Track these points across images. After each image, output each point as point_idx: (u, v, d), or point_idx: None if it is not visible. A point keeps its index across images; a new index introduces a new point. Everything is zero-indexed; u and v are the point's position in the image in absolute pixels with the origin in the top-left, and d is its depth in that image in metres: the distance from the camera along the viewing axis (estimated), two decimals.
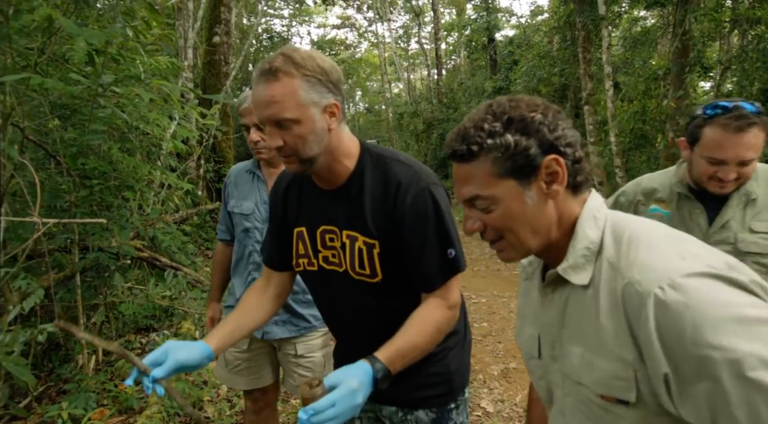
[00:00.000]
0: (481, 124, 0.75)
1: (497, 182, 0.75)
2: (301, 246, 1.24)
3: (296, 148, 1.05)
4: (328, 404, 0.89)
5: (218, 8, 8.95)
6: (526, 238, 0.77)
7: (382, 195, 1.12)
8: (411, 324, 1.09)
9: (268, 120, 1.03)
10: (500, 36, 19.00)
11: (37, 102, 2.87)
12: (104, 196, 2.51)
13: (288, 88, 1.00)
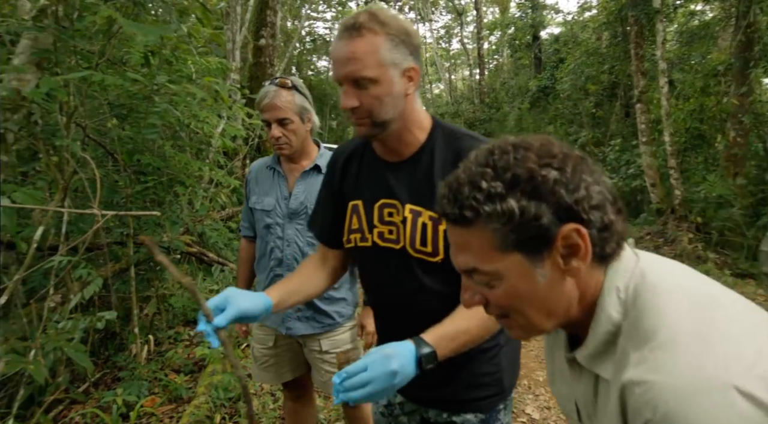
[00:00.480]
0: (478, 182, 0.60)
1: (500, 256, 0.61)
2: (354, 220, 1.18)
3: (371, 109, 1.00)
4: (361, 367, 0.86)
5: (264, 12, 9.18)
6: (537, 320, 0.64)
7: (453, 168, 1.06)
8: (456, 314, 1.01)
9: (345, 78, 0.99)
10: (545, 34, 18.53)
11: (97, 102, 3.02)
12: (157, 191, 2.60)
13: (371, 45, 0.96)
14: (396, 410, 1.31)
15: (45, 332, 2.26)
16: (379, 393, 0.87)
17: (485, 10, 24.22)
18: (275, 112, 1.70)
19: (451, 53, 29.29)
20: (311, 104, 1.80)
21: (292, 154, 1.79)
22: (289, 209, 1.80)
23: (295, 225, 1.81)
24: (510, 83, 18.23)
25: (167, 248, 3.44)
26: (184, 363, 3.02)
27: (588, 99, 12.30)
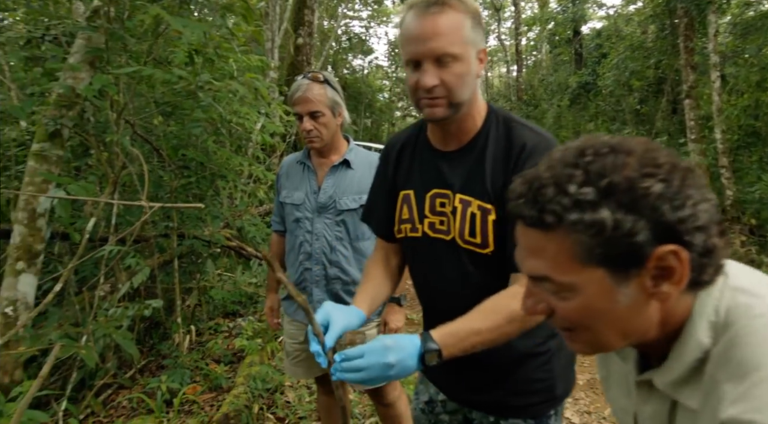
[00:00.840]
0: (565, 186, 0.53)
1: (579, 268, 0.54)
2: (405, 210, 1.16)
3: (452, 88, 0.97)
4: (358, 354, 0.88)
5: (302, 11, 9.29)
6: (607, 339, 0.58)
7: (504, 157, 1.02)
8: (479, 309, 0.96)
9: (428, 54, 0.95)
10: (587, 28, 17.95)
11: (144, 100, 3.13)
12: (200, 186, 2.67)
13: (455, 21, 0.94)
14: (437, 407, 1.28)
15: (95, 319, 2.36)
16: (372, 380, 0.88)
17: (524, 6, 23.70)
18: (307, 105, 1.70)
19: (488, 50, 28.79)
20: (342, 99, 1.80)
21: (322, 148, 1.79)
22: (318, 203, 1.81)
23: (324, 219, 1.81)
24: (549, 80, 17.77)
25: (208, 242, 3.54)
26: (224, 353, 3.10)
27: (632, 95, 11.84)
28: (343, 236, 1.82)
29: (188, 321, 3.43)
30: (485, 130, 1.07)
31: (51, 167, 2.37)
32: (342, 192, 1.80)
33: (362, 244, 1.85)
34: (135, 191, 3.08)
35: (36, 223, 2.31)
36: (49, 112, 2.38)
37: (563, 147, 0.58)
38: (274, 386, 2.73)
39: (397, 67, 31.34)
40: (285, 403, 2.67)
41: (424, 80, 0.96)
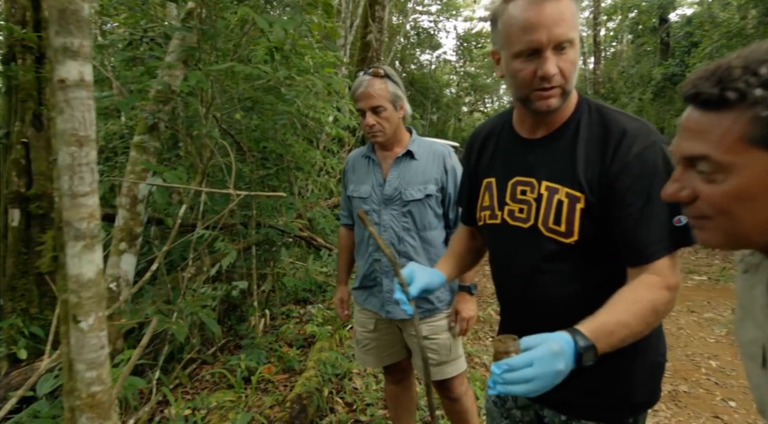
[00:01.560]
0: (756, 68, 0.54)
1: (745, 149, 0.55)
2: (486, 197, 1.15)
3: (568, 76, 0.94)
4: (526, 363, 0.78)
5: (373, 7, 9.39)
6: (749, 229, 0.58)
7: (600, 143, 0.98)
8: (619, 300, 0.89)
9: (552, 40, 0.91)
10: (675, 16, 16.61)
11: (227, 95, 3.33)
12: (279, 177, 2.80)
13: (572, 7, 0.93)
14: (509, 402, 1.26)
15: (184, 298, 2.56)
16: (539, 391, 0.79)
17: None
18: (369, 101, 1.73)
19: None
20: (404, 92, 1.82)
21: (385, 141, 1.82)
22: (384, 195, 1.83)
23: (390, 211, 1.83)
24: (630, 72, 16.67)
25: (282, 231, 3.71)
26: (296, 338, 3.24)
27: None
28: (410, 226, 1.83)
29: (263, 306, 3.63)
30: (576, 117, 1.03)
31: (149, 157, 2.60)
32: (407, 183, 1.82)
33: (429, 234, 1.85)
34: (218, 181, 3.29)
35: (136, 208, 2.54)
36: (149, 106, 2.60)
37: (753, 46, 0.58)
38: (343, 372, 2.82)
39: (464, 61, 30.82)
40: (353, 389, 2.75)
41: (546, 69, 0.92)
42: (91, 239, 0.87)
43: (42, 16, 3.02)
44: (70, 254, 0.85)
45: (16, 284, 2.57)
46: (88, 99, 0.84)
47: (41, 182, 2.72)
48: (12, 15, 2.90)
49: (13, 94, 2.82)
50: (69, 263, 0.85)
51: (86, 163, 0.85)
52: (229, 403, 2.29)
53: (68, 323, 0.95)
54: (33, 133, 2.76)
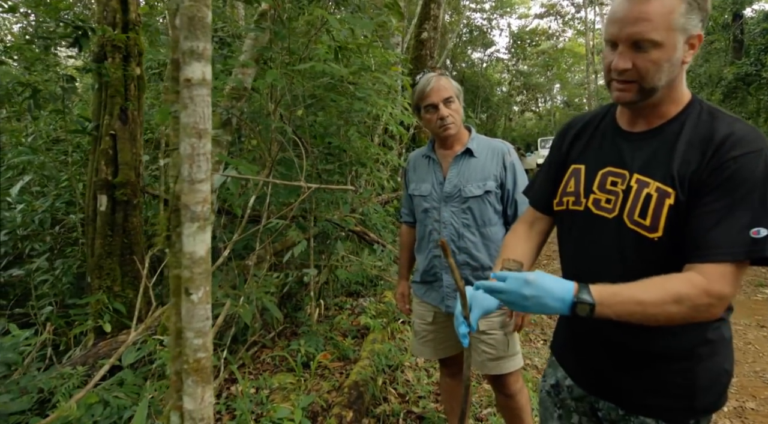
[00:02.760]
0: None
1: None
2: (572, 183, 1.16)
3: (645, 73, 0.96)
4: (502, 277, 0.96)
5: (429, 5, 9.40)
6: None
7: (701, 142, 0.98)
8: (647, 281, 0.92)
9: (627, 38, 0.95)
10: (751, 11, 15.49)
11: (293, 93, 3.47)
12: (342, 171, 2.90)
13: (666, 6, 0.92)
14: (563, 392, 1.27)
15: (249, 284, 2.72)
16: (508, 304, 0.96)
17: None
18: (440, 93, 1.81)
19: None
20: None
21: (456, 134, 1.87)
22: (444, 193, 1.88)
23: (451, 208, 1.87)
24: (698, 71, 15.71)
25: (338, 225, 3.82)
26: (350, 329, 3.34)
27: None
28: (470, 223, 1.87)
29: (317, 296, 3.76)
30: (682, 117, 1.03)
31: (222, 150, 2.77)
32: (466, 180, 1.86)
33: (489, 229, 1.88)
34: (280, 174, 3.44)
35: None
36: (224, 102, 2.77)
37: None
38: (396, 364, 2.89)
39: (517, 59, 30.14)
40: (405, 381, 2.81)
41: (616, 63, 0.97)
42: (204, 220, 0.97)
43: (129, 18, 3.28)
44: (186, 233, 0.95)
45: (102, 264, 2.82)
46: (207, 96, 0.94)
47: (126, 171, 2.96)
48: (104, 17, 3.16)
49: (102, 90, 3.09)
50: (184, 242, 0.96)
51: (203, 153, 0.95)
52: (290, 385, 2.42)
53: (179, 295, 1.05)
54: (120, 126, 3.01)
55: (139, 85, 3.23)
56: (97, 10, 3.27)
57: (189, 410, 1.04)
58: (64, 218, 3.74)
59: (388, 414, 2.45)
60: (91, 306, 2.73)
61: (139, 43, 3.24)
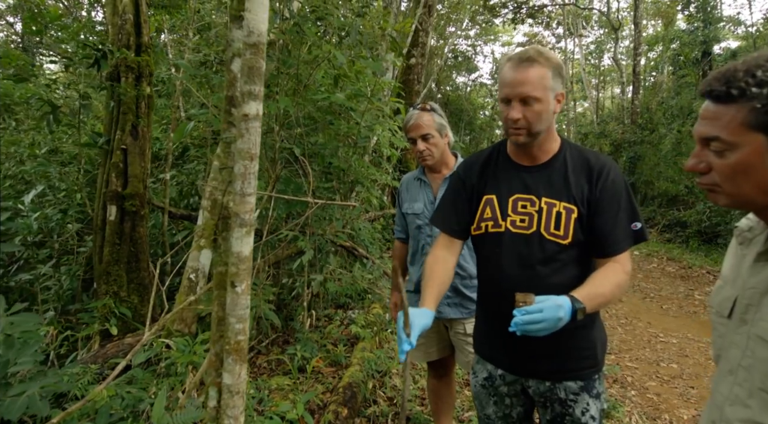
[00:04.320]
0: (754, 70, 0.73)
1: (745, 132, 0.74)
2: (488, 210, 1.44)
3: (532, 121, 1.31)
4: (537, 309, 1.12)
5: (417, 33, 9.86)
6: (748, 193, 0.77)
7: (584, 171, 1.37)
8: (597, 277, 1.28)
9: (517, 96, 1.30)
10: (719, 48, 16.48)
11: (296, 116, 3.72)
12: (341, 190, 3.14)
13: (540, 73, 1.29)
14: (497, 381, 1.53)
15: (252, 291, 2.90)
16: (544, 330, 1.13)
17: (645, 24, 22.36)
18: (419, 130, 2.07)
19: (601, 70, 27.50)
20: (447, 122, 2.16)
21: (434, 164, 2.13)
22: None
23: None
24: (669, 103, 16.55)
25: (331, 240, 4.04)
26: (340, 337, 3.53)
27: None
28: None
29: (309, 307, 3.94)
30: (562, 153, 1.41)
31: None
32: None
33: None
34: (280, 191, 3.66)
35: (216, 210, 2.92)
36: None
37: (755, 54, 0.78)
38: (384, 370, 3.09)
39: None
40: (393, 386, 3.01)
41: (512, 115, 1.31)
42: (250, 226, 1.20)
43: (142, 41, 3.50)
44: (235, 236, 1.18)
45: (110, 270, 2.97)
46: (258, 127, 1.18)
47: (135, 184, 3.15)
48: (119, 40, 3.38)
49: (115, 107, 3.29)
50: (233, 244, 1.18)
51: (252, 172, 1.18)
52: (287, 386, 2.60)
53: (223, 288, 1.27)
54: (131, 141, 3.21)
55: (149, 103, 3.44)
56: (111, 32, 3.49)
57: (228, 385, 1.25)
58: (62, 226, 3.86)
59: (377, 415, 2.65)
60: (98, 310, 2.88)
61: (150, 65, 3.46)
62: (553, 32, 26.55)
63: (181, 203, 4.33)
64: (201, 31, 5.65)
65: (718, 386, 0.91)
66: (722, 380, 0.89)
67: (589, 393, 1.41)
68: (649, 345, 4.72)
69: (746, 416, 0.81)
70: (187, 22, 4.86)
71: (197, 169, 4.45)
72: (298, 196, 2.46)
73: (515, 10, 18.50)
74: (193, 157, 4.35)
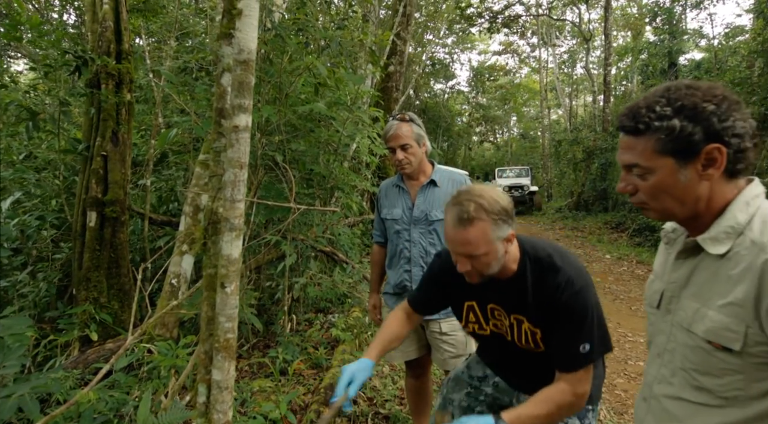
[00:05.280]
0: (654, 106, 0.84)
1: (657, 158, 0.85)
2: (471, 315, 1.55)
3: (481, 271, 1.33)
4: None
5: (395, 42, 10.03)
6: (671, 207, 0.88)
7: (542, 290, 1.37)
8: (536, 398, 1.30)
9: (461, 254, 1.31)
10: (684, 60, 17.22)
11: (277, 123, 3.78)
12: (322, 196, 3.22)
13: (480, 231, 1.26)
14: (487, 384, 1.68)
15: None
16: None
17: (615, 35, 23.15)
18: (398, 141, 2.16)
19: (574, 79, 28.30)
20: (424, 132, 2.25)
21: (412, 173, 2.23)
22: (413, 217, 2.24)
23: (419, 229, 2.23)
24: None
25: (312, 245, 4.10)
26: (321, 341, 3.60)
27: None
28: (436, 242, 2.23)
29: (289, 312, 3.99)
30: (522, 269, 1.40)
31: None
32: (431, 206, 2.22)
33: None
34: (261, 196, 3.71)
35: (197, 216, 2.96)
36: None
37: (655, 88, 0.89)
38: None
39: (477, 92, 31.68)
40: (372, 387, 3.09)
41: (459, 267, 1.34)
42: (239, 230, 1.28)
43: (123, 48, 3.52)
44: (225, 240, 1.26)
45: (90, 276, 2.97)
46: (248, 138, 1.26)
47: (115, 190, 3.16)
48: (99, 47, 3.40)
49: (95, 114, 3.30)
50: (223, 247, 1.26)
51: (241, 180, 1.26)
52: (269, 388, 2.65)
53: (213, 289, 1.35)
54: (111, 147, 3.22)
55: (130, 110, 3.46)
56: (92, 39, 3.50)
57: (217, 381, 1.32)
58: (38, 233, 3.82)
59: (357, 414, 2.72)
60: (78, 316, 2.87)
61: (131, 72, 3.48)
62: (527, 41, 27.21)
63: (160, 209, 4.33)
64: (180, 39, 5.67)
65: (649, 368, 1.04)
66: (652, 362, 1.02)
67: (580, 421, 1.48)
68: (618, 344, 4.92)
69: (670, 392, 0.94)
70: (167, 28, 4.88)
71: (176, 176, 4.46)
72: (280, 202, 2.53)
73: (491, 19, 18.94)
74: (172, 164, 4.36)
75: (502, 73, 30.89)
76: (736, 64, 12.85)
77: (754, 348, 0.80)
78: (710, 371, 0.86)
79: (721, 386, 0.85)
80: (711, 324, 0.84)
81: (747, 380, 0.82)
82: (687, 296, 0.92)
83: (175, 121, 3.57)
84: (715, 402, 0.86)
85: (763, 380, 0.81)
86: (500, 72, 30.90)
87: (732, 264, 0.84)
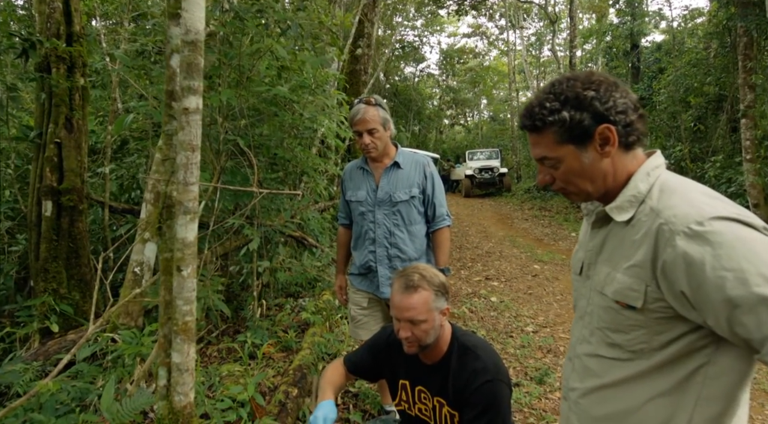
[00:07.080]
0: (544, 103, 0.93)
1: (559, 147, 0.94)
2: (404, 394, 1.70)
3: (420, 338, 1.51)
4: None
5: (362, 23, 9.89)
6: (585, 187, 0.97)
7: (461, 376, 1.55)
8: None
9: (405, 319, 1.49)
10: (646, 42, 17.63)
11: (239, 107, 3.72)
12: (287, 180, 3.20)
13: (423, 298, 1.49)
14: None
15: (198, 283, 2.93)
16: None
17: (581, 17, 23.46)
18: (365, 125, 2.18)
19: (541, 61, 28.63)
20: (389, 114, 2.28)
21: (377, 156, 2.27)
22: (378, 199, 2.27)
23: (383, 210, 2.27)
24: None
25: (280, 230, 4.09)
26: (291, 324, 3.62)
27: (687, 112, 11.62)
28: (399, 222, 2.27)
29: (259, 297, 3.99)
30: (449, 354, 1.59)
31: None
32: (395, 188, 2.26)
33: (414, 227, 2.29)
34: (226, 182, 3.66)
35: (159, 203, 2.91)
36: None
37: (543, 85, 0.96)
38: (334, 352, 3.21)
39: (447, 76, 31.72)
40: None
41: (401, 334, 1.52)
42: (194, 214, 1.28)
43: (73, 30, 3.38)
44: (180, 223, 1.25)
45: (48, 267, 2.89)
46: (199, 120, 1.26)
47: (71, 178, 3.06)
48: (47, 29, 3.25)
49: (47, 100, 3.17)
50: (178, 230, 1.26)
51: (194, 162, 1.25)
52: (238, 372, 2.66)
53: (170, 273, 1.35)
54: (65, 134, 3.11)
55: (84, 95, 3.33)
56: (39, 21, 3.34)
57: (177, 363, 1.33)
58: None
59: None
60: (37, 308, 2.80)
61: (83, 55, 3.35)
62: (496, 24, 27.32)
63: (122, 197, 4.21)
64: (137, 20, 5.45)
65: (573, 330, 1.12)
66: (576, 324, 1.11)
67: None
68: None
69: (589, 350, 1.03)
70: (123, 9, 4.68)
71: (138, 163, 4.34)
72: (244, 187, 2.51)
73: (459, 1, 18.88)
74: (133, 150, 4.24)
75: (471, 55, 30.97)
76: (695, 45, 13.26)
77: (653, 304, 0.87)
78: (620, 328, 0.94)
79: (628, 341, 0.93)
80: (618, 285, 0.92)
81: (649, 333, 0.90)
82: (601, 261, 1.00)
83: (131, 106, 3.46)
84: (625, 356, 0.94)
85: (663, 333, 0.88)
86: (470, 55, 30.97)
87: (635, 230, 0.91)
